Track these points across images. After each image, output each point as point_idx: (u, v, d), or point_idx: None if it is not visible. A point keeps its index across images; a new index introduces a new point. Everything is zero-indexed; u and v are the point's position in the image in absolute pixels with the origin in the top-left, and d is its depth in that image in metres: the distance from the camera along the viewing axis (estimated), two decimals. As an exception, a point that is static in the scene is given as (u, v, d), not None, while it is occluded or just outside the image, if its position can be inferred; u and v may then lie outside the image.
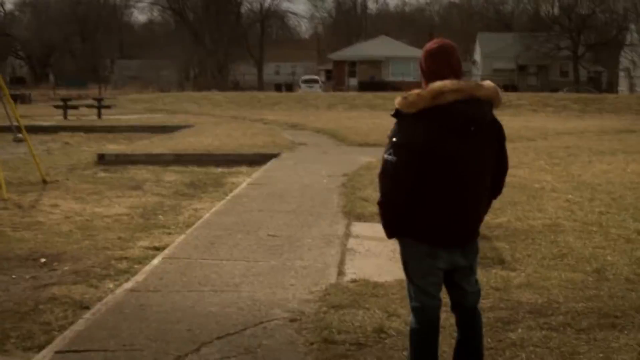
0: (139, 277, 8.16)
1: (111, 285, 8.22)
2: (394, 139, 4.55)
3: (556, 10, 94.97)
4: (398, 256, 8.75)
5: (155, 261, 8.86)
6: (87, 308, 7.35)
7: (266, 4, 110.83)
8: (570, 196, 12.97)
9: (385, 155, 4.58)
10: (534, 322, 6.50)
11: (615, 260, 8.60)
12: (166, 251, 9.37)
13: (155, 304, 7.15)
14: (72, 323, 6.86)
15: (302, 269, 8.43)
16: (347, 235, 10.26)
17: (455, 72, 4.64)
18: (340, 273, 8.33)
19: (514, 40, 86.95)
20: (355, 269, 8.47)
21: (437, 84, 4.47)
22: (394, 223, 4.70)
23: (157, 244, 10.13)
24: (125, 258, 9.42)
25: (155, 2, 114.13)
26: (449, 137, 4.49)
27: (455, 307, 5.00)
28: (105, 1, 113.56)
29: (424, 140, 4.47)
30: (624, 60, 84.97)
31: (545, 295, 7.24)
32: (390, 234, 4.77)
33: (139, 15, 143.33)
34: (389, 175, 4.57)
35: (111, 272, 8.82)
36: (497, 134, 4.77)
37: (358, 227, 10.73)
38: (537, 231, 10.15)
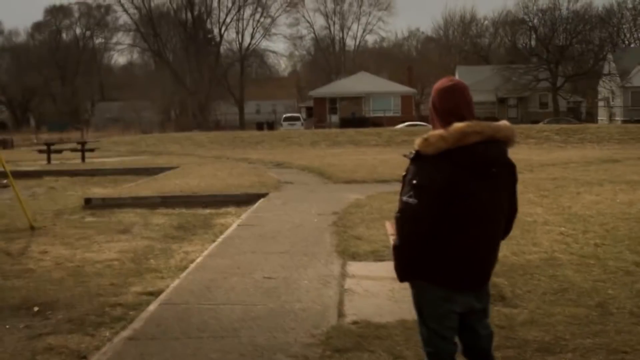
0: (137, 325, 8.01)
1: (107, 333, 8.03)
2: (414, 181, 4.43)
3: (533, 42, 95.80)
4: (397, 296, 8.72)
5: (152, 307, 8.72)
6: (85, 358, 7.19)
7: (245, 44, 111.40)
8: (563, 229, 12.91)
9: (405, 198, 4.46)
10: (543, 360, 6.41)
11: (616, 293, 8.52)
12: (162, 296, 9.22)
13: (155, 352, 7.00)
14: (70, 375, 6.71)
15: (302, 312, 8.31)
16: (344, 275, 10.13)
17: (471, 110, 4.57)
18: (341, 315, 8.20)
19: (493, 73, 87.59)
20: (355, 310, 8.34)
21: (461, 126, 4.38)
22: (410, 266, 4.58)
23: (151, 289, 9.94)
24: (120, 304, 9.23)
25: (134, 44, 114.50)
26: (471, 178, 4.41)
27: (468, 352, 4.88)
28: (84, 45, 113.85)
29: (446, 181, 4.37)
30: (603, 90, 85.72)
31: (551, 332, 7.14)
32: (403, 277, 4.64)
33: (119, 58, 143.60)
34: (408, 217, 4.45)
35: (106, 319, 8.63)
36: (511, 175, 4.69)
37: (354, 267, 10.61)
38: (534, 265, 10.07)
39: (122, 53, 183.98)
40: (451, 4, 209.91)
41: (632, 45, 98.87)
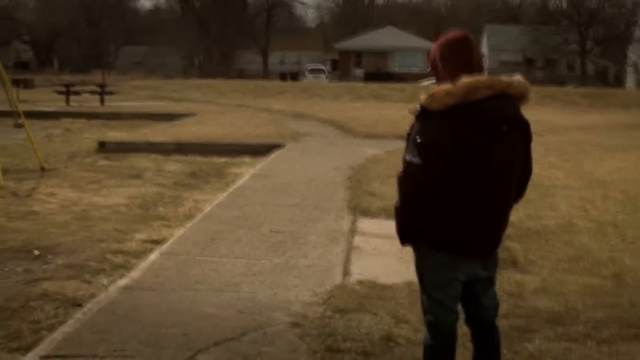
0: (135, 274, 7.78)
1: (105, 281, 7.78)
2: (418, 140, 4.08)
3: (564, 4, 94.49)
4: (406, 255, 8.40)
5: (152, 257, 8.49)
6: (80, 305, 6.95)
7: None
8: (583, 194, 12.57)
9: (408, 157, 4.14)
10: (552, 331, 6.10)
11: (634, 263, 8.19)
12: (164, 246, 8.99)
13: (150, 304, 6.76)
14: (62, 322, 6.46)
15: (306, 268, 8.05)
16: (353, 231, 9.87)
17: (480, 66, 4.22)
18: (346, 273, 7.95)
19: (522, 33, 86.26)
20: (361, 269, 8.08)
21: (469, 79, 4.03)
22: (412, 230, 4.28)
23: (155, 237, 9.67)
24: (122, 252, 8.95)
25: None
26: (480, 136, 4.05)
27: (470, 321, 4.56)
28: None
29: (454, 139, 4.02)
30: (632, 55, 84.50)
31: (562, 302, 6.83)
32: (405, 241, 4.36)
33: (145, 1, 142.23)
34: (412, 178, 4.14)
35: (106, 266, 8.37)
36: (525, 134, 4.35)
37: (364, 224, 10.34)
38: (550, 231, 9.76)
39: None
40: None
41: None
